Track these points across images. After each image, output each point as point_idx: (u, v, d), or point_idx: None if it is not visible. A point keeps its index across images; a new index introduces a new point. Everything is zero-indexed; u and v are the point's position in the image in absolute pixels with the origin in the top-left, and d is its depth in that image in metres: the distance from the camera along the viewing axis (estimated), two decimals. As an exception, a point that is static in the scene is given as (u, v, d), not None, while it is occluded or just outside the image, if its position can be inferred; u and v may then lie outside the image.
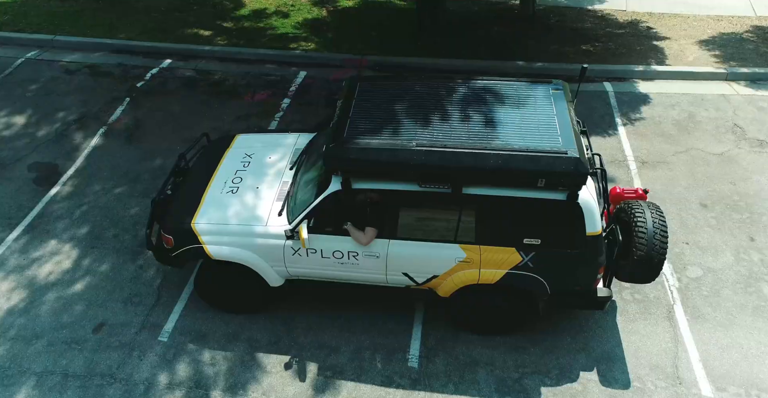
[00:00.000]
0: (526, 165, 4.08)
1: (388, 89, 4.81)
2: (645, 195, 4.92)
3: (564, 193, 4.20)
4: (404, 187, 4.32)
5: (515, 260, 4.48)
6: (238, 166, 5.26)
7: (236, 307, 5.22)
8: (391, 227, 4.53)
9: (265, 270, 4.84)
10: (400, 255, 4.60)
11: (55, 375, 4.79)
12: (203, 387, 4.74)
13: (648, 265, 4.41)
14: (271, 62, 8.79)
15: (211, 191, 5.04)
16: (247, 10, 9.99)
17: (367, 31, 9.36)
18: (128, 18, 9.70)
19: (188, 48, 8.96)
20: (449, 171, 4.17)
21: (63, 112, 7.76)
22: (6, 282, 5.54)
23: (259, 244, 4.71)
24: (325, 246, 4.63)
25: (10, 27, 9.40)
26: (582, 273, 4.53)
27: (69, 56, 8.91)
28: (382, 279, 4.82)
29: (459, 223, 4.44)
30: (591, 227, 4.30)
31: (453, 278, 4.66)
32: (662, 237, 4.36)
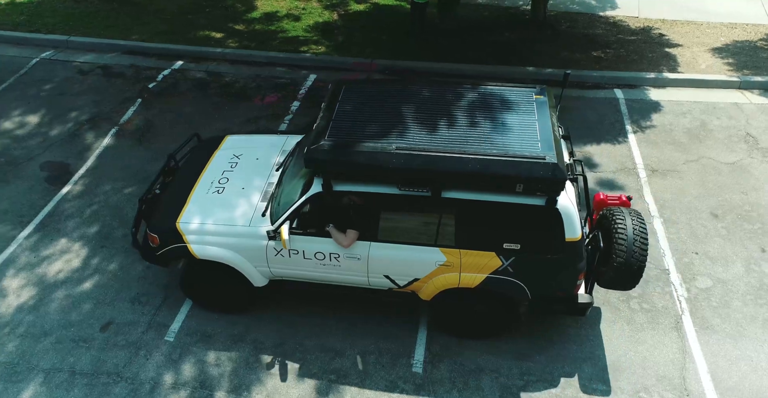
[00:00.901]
0: (504, 170, 4.09)
1: (372, 93, 4.84)
2: (628, 202, 4.87)
3: (543, 199, 4.20)
4: (384, 190, 4.35)
5: (495, 264, 4.49)
6: (226, 167, 5.31)
7: (220, 306, 5.25)
8: (372, 230, 4.54)
9: (248, 270, 4.87)
10: (381, 257, 4.62)
11: (62, 373, 4.84)
12: (208, 388, 4.76)
13: (627, 272, 4.38)
14: (282, 65, 8.85)
15: (197, 191, 5.10)
16: (258, 12, 10.07)
17: (377, 34, 9.40)
18: (141, 20, 9.81)
19: (200, 50, 9.05)
20: (428, 174, 4.19)
21: (75, 112, 7.85)
22: (16, 280, 5.61)
23: (242, 244, 4.75)
24: (307, 247, 4.65)
25: (26, 27, 9.55)
26: (562, 279, 4.53)
27: (83, 57, 9.03)
28: (363, 281, 4.85)
29: (439, 227, 4.46)
30: (570, 233, 4.30)
31: (434, 281, 4.69)
32: (642, 245, 4.34)
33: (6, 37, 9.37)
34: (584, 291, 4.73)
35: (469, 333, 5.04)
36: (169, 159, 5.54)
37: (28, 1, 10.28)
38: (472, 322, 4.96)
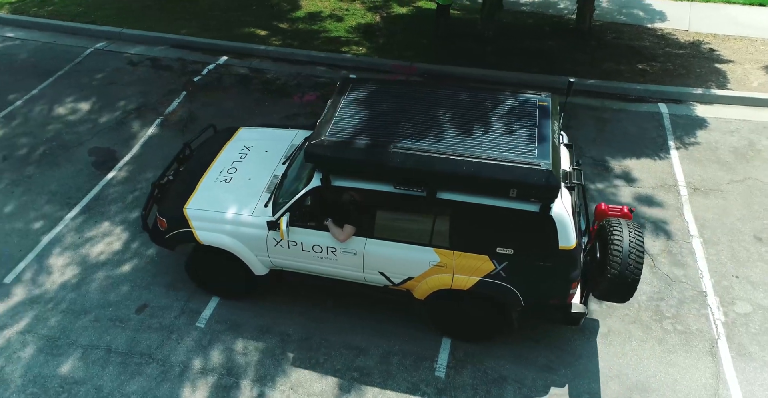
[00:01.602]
0: (498, 174, 4.11)
1: (378, 92, 4.90)
2: (630, 214, 4.80)
3: (537, 205, 4.19)
4: (381, 188, 4.40)
5: (488, 268, 4.50)
6: (236, 157, 5.47)
7: (223, 292, 5.41)
8: (368, 226, 4.60)
9: (249, 259, 5.00)
10: (376, 254, 4.68)
11: (99, 350, 5.05)
12: (234, 376, 4.88)
13: (621, 284, 4.33)
14: (322, 64, 8.98)
15: (206, 179, 5.26)
16: (302, 12, 10.25)
17: (418, 38, 9.43)
18: (191, 15, 10.13)
19: (244, 46, 9.27)
20: (423, 174, 4.23)
21: (124, 101, 8.17)
22: (62, 258, 5.88)
23: (244, 233, 4.88)
24: (305, 239, 4.75)
25: (82, 19, 9.98)
26: (555, 287, 4.48)
27: (133, 48, 9.38)
28: (359, 276, 4.91)
29: (434, 227, 4.48)
30: (564, 241, 4.26)
31: (427, 281, 4.72)
32: (637, 257, 4.29)
33: (64, 27, 9.82)
34: (579, 301, 4.69)
35: (461, 335, 5.06)
36: (185, 147, 5.75)
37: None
38: (464, 324, 4.98)
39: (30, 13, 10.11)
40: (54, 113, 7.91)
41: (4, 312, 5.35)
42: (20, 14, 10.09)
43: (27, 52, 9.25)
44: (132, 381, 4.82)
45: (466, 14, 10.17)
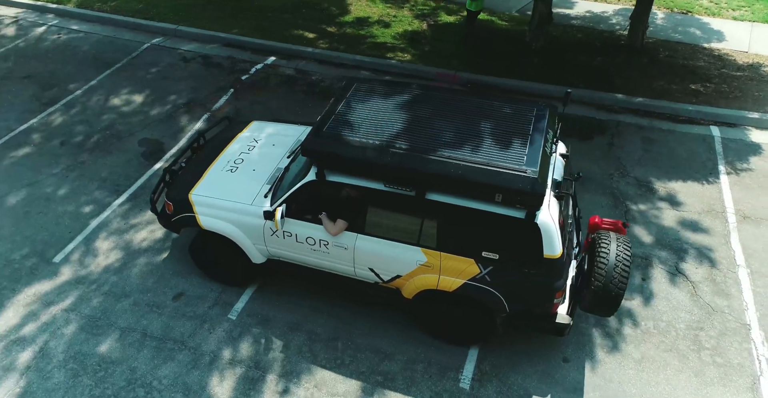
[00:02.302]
0: (484, 178, 4.15)
1: (380, 93, 5.01)
2: (624, 228, 4.74)
3: (523, 212, 4.21)
4: (371, 185, 4.49)
5: (473, 271, 4.52)
6: (244, 149, 5.69)
7: (223, 278, 5.58)
8: (359, 222, 4.69)
9: (247, 246, 5.16)
10: (366, 250, 4.76)
11: (135, 333, 5.25)
12: (261, 369, 4.98)
13: (604, 297, 4.31)
14: (367, 69, 9.09)
15: (213, 168, 5.49)
16: (351, 16, 10.42)
17: (463, 47, 9.43)
18: (243, 15, 10.45)
19: (292, 48, 9.49)
20: (411, 174, 4.30)
21: (174, 96, 8.49)
22: (107, 242, 6.14)
23: (243, 221, 5.06)
24: (300, 231, 4.89)
25: (142, 15, 10.45)
26: (539, 295, 4.47)
27: (187, 45, 9.75)
28: (350, 271, 5.01)
29: (422, 227, 4.53)
30: (549, 249, 4.25)
31: (414, 281, 4.78)
32: (623, 271, 4.28)
33: (124, 22, 10.31)
34: (566, 312, 4.66)
35: (446, 337, 5.11)
36: (199, 136, 5.99)
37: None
38: (449, 326, 5.02)
39: (94, 8, 10.65)
40: (109, 103, 8.29)
41: (52, 290, 5.63)
42: (85, 8, 10.64)
43: (89, 44, 9.75)
44: (164, 365, 4.98)
45: (514, 25, 10.12)
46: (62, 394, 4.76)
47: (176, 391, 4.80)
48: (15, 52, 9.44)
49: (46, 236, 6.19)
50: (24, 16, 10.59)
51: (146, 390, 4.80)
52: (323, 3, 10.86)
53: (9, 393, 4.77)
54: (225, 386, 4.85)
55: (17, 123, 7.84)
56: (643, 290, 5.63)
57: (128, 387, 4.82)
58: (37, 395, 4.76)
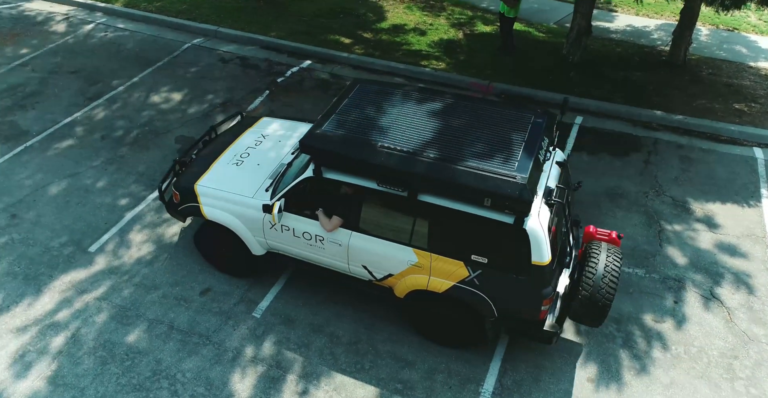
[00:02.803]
0: (473, 182, 4.18)
1: (381, 94, 5.08)
2: (618, 240, 4.73)
3: (512, 217, 4.23)
4: (365, 184, 4.57)
5: (462, 274, 4.56)
6: (251, 144, 5.85)
7: (225, 267, 5.75)
8: (354, 220, 4.77)
9: (247, 238, 5.30)
10: (359, 247, 4.85)
11: (162, 325, 5.37)
12: (282, 369, 5.02)
13: (591, 307, 4.34)
14: (401, 76, 9.14)
15: (220, 161, 5.65)
16: (387, 23, 10.50)
17: (499, 58, 9.39)
18: (281, 19, 10.65)
19: (328, 52, 9.62)
20: (402, 175, 4.36)
21: (212, 95, 8.70)
22: (140, 235, 6.32)
23: (243, 213, 5.20)
24: (297, 226, 5.01)
25: (185, 15, 10.76)
26: (526, 301, 4.47)
27: (226, 47, 9.99)
28: (345, 267, 5.10)
29: (414, 228, 4.59)
30: (537, 256, 4.26)
31: (405, 280, 4.84)
32: (611, 282, 4.30)
33: (167, 22, 10.63)
34: (555, 320, 4.67)
35: (435, 338, 5.14)
36: (210, 130, 6.16)
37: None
38: (438, 327, 5.06)
39: (140, 8, 11.02)
40: (149, 100, 8.55)
41: (86, 278, 5.81)
42: (132, 8, 11.02)
43: (133, 42, 10.09)
44: (189, 359, 5.08)
45: (551, 37, 10.03)
46: (90, 380, 4.90)
47: (199, 385, 4.88)
48: (64, 47, 9.84)
49: (83, 226, 6.40)
50: (74, 13, 11.05)
51: (170, 382, 4.89)
52: (360, 9, 10.99)
53: (41, 375, 4.94)
54: (246, 383, 4.91)
55: (62, 116, 8.15)
56: (676, 313, 5.47)
57: (153, 378, 4.92)
58: (67, 379, 4.91)
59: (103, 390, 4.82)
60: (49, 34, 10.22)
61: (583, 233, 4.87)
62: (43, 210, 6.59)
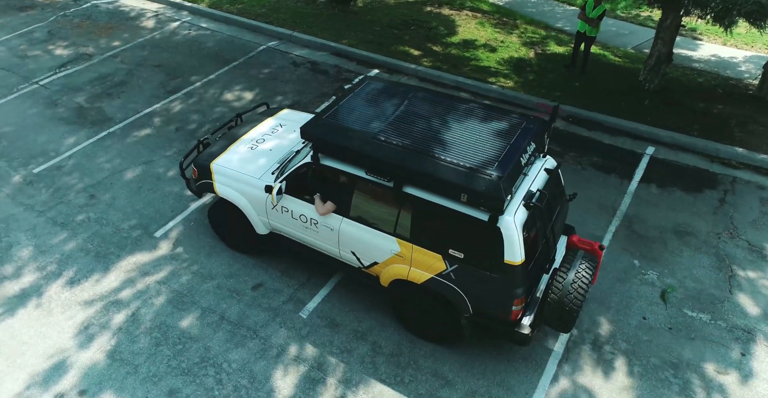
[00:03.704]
0: (451, 176, 4.32)
1: (386, 91, 5.28)
2: (600, 251, 4.81)
3: (487, 214, 4.34)
4: (356, 172, 4.80)
5: (440, 267, 4.71)
6: (268, 132, 6.21)
7: (233, 244, 6.14)
8: (345, 206, 5.00)
9: (252, 217, 5.65)
10: (348, 233, 5.07)
11: (214, 314, 5.57)
12: (323, 371, 5.08)
13: (558, 311, 4.46)
14: (467, 91, 9.11)
15: (238, 144, 6.03)
16: (458, 38, 10.51)
17: (569, 80, 9.17)
18: (354, 27, 10.91)
19: (396, 63, 9.74)
20: (388, 165, 4.55)
21: (281, 97, 9.00)
22: (202, 226, 6.58)
23: (249, 192, 5.54)
24: (295, 208, 5.30)
25: (263, 18, 11.24)
26: (498, 300, 4.58)
27: (299, 51, 10.33)
28: (336, 252, 5.33)
29: (398, 218, 4.77)
30: (510, 255, 4.35)
31: (388, 269, 5.02)
32: (580, 288, 4.39)
33: (247, 24, 11.14)
34: (530, 323, 4.75)
35: (414, 330, 5.31)
36: (236, 117, 6.53)
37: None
38: (418, 319, 5.21)
39: (222, 9, 11.62)
40: (223, 97, 8.96)
41: (149, 261, 6.14)
42: (215, 9, 11.64)
43: (213, 41, 10.63)
44: (235, 350, 5.24)
45: (628, 62, 9.70)
46: (144, 359, 5.15)
47: (243, 377, 5.02)
48: (151, 42, 10.51)
49: (151, 211, 6.77)
50: (163, 11, 11.79)
51: (216, 371, 5.06)
52: (432, 22, 11.07)
53: (101, 348, 5.24)
54: (287, 381, 5.00)
55: (143, 106, 8.70)
56: (742, 366, 5.09)
57: (201, 364, 5.11)
58: (124, 355, 5.19)
59: (155, 370, 5.06)
60: (139, 29, 10.95)
61: (567, 241, 4.97)
62: (118, 193, 7.04)
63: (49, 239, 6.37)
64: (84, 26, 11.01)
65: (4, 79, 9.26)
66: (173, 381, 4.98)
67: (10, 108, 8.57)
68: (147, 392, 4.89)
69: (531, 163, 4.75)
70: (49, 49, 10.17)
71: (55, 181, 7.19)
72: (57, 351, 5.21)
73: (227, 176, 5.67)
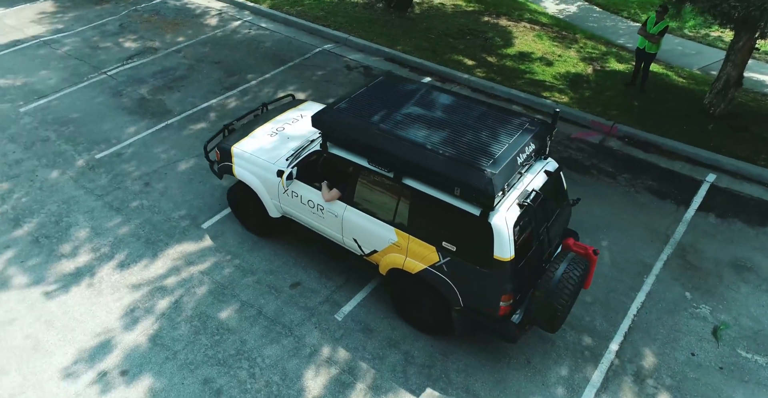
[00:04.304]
0: (445, 170, 4.44)
1: (398, 88, 5.39)
2: (593, 254, 4.81)
3: (479, 210, 4.45)
4: (360, 161, 4.98)
5: (433, 259, 4.83)
6: (288, 121, 6.47)
7: (247, 224, 6.44)
8: (349, 194, 5.19)
9: (266, 200, 5.93)
10: (351, 220, 5.26)
11: (252, 309, 5.68)
12: (353, 375, 5.08)
13: (543, 309, 4.50)
14: (519, 104, 8.95)
15: (259, 130, 6.32)
16: (514, 50, 10.36)
17: (628, 99, 8.85)
18: (410, 34, 10.94)
19: (449, 72, 9.70)
20: (387, 156, 4.71)
21: (332, 99, 9.08)
22: (248, 220, 6.77)
23: (263, 176, 5.82)
24: (303, 193, 5.54)
25: (321, 21, 11.45)
26: (486, 294, 4.65)
27: (353, 55, 10.45)
28: (340, 238, 5.53)
29: (397, 209, 4.92)
30: (499, 251, 4.44)
31: (386, 257, 5.17)
32: (564, 288, 4.43)
33: (305, 26, 11.38)
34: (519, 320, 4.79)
35: (410, 320, 5.44)
36: (262, 106, 6.81)
37: (330, 0, 12.31)
38: (412, 309, 5.35)
39: (283, 10, 11.92)
40: (276, 96, 9.16)
41: (195, 252, 6.33)
42: (275, 10, 11.95)
43: (272, 41, 10.92)
44: (270, 346, 5.32)
45: (693, 84, 9.28)
46: (183, 345, 5.31)
47: (275, 373, 5.09)
48: (213, 39, 10.90)
49: (200, 203, 7.00)
50: (227, 10, 12.22)
51: (250, 364, 5.16)
52: (489, 32, 10.96)
53: (144, 331, 5.44)
54: (318, 382, 5.03)
55: (201, 100, 9.02)
56: (800, 418, 4.73)
57: (236, 356, 5.22)
58: (165, 340, 5.37)
59: (192, 358, 5.20)
60: (203, 27, 11.39)
61: (562, 244, 5.02)
62: (171, 183, 7.31)
63: (105, 222, 6.68)
64: (152, 21, 11.55)
65: (77, 68, 9.83)
66: (209, 370, 5.10)
67: (80, 95, 9.08)
68: (183, 378, 5.03)
69: (529, 163, 4.83)
70: (119, 41, 10.73)
71: (114, 167, 7.55)
72: (104, 330, 5.45)
73: (245, 160, 5.97)
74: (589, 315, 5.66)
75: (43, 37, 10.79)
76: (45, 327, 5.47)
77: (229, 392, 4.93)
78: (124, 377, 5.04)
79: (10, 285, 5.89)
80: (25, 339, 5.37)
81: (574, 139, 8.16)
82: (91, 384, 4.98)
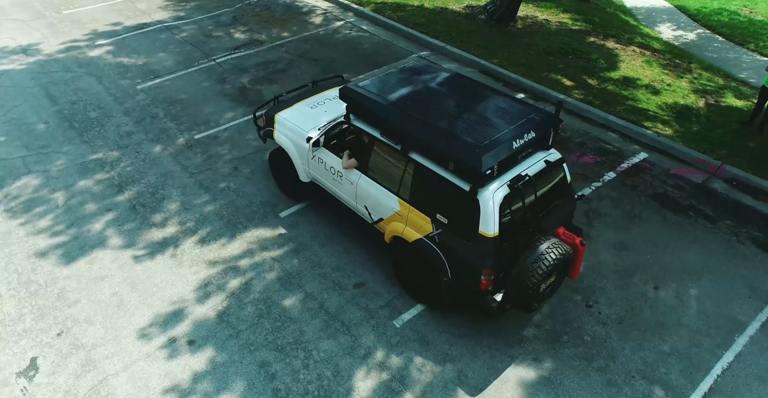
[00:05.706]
0: (441, 145, 4.80)
1: (423, 71, 5.80)
2: (580, 245, 4.96)
3: (468, 185, 4.74)
4: (374, 133, 5.42)
5: (428, 229, 5.17)
6: (330, 97, 6.95)
7: (283, 188, 7.07)
8: (364, 163, 5.63)
9: (297, 164, 6.51)
10: (363, 188, 5.70)
11: (315, 302, 5.82)
12: (403, 384, 5.04)
13: (516, 286, 4.75)
14: (616, 132, 8.47)
15: (302, 103, 6.87)
16: (618, 74, 9.82)
17: (745, 139, 8.06)
18: (508, 48, 10.72)
19: (543, 90, 9.38)
20: (395, 129, 5.12)
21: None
22: (323, 218, 6.92)
23: (297, 142, 6.41)
24: (327, 159, 6.05)
25: (420, 28, 11.53)
26: (469, 268, 4.92)
27: (448, 64, 10.41)
28: (354, 205, 6.01)
29: (402, 180, 5.29)
30: (484, 227, 4.73)
31: (390, 226, 5.56)
32: (539, 268, 4.65)
33: (403, 32, 11.52)
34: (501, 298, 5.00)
35: (407, 288, 5.76)
36: (312, 83, 7.31)
37: (432, 8, 12.37)
38: (409, 276, 5.67)
39: (385, 14, 12.15)
40: (367, 98, 9.35)
41: (270, 238, 6.60)
42: (378, 13, 12.21)
43: (370, 44, 11.16)
44: (327, 340, 5.41)
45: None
46: (247, 326, 5.55)
47: (327, 368, 5.17)
48: (315, 37, 11.35)
49: (281, 193, 7.28)
50: (332, 10, 12.67)
51: (305, 355, 5.28)
52: (593, 53, 10.48)
53: (214, 307, 5.75)
54: (367, 384, 5.04)
55: (296, 94, 9.40)
56: None
57: (294, 345, 5.36)
58: (231, 318, 5.63)
59: (253, 339, 5.42)
60: (307, 24, 11.89)
61: (552, 233, 5.08)
62: (257, 170, 7.68)
63: (194, 199, 7.16)
64: (262, 15, 12.25)
65: (190, 53, 10.64)
66: (267, 354, 5.29)
67: (189, 79, 9.81)
68: (242, 358, 5.25)
69: (527, 150, 5.02)
70: (230, 32, 11.49)
71: (209, 148, 8.07)
72: (179, 299, 5.82)
73: (285, 126, 6.56)
74: (665, 367, 5.21)
75: (166, 23, 11.80)
76: (130, 288, 5.94)
77: (283, 378, 5.08)
78: (190, 346, 5.36)
79: (107, 245, 6.47)
80: (112, 296, 5.87)
81: (672, 174, 7.57)
82: (161, 348, 5.34)
